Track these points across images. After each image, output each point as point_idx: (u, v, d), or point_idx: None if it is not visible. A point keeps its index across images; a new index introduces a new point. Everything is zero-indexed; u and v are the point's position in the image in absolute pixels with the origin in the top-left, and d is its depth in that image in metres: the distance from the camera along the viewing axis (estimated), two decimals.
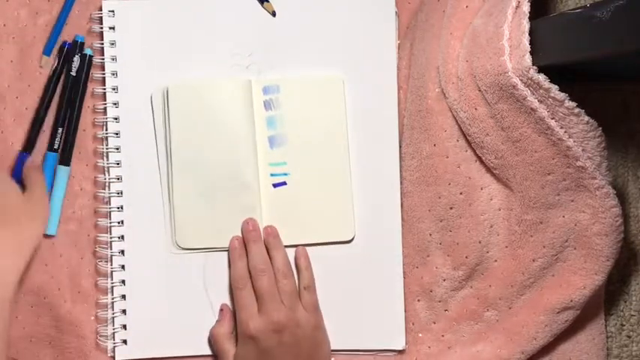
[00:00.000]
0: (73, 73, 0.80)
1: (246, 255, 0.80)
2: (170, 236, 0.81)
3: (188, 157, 0.79)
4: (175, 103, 0.79)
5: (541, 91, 0.69)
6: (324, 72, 0.81)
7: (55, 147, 0.80)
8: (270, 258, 0.80)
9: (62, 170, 0.80)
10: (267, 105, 0.80)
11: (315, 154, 0.81)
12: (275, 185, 0.81)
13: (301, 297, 0.80)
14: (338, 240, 0.82)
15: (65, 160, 0.80)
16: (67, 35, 0.81)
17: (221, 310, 0.81)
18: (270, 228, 0.81)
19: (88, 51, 0.81)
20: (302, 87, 0.81)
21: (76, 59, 0.80)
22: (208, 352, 0.82)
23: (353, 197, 0.81)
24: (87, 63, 0.80)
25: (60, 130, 0.80)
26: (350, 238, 0.82)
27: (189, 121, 0.79)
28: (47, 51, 0.80)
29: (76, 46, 0.80)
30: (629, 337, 0.86)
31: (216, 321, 0.81)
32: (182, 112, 0.79)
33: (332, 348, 0.82)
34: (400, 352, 0.83)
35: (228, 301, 0.81)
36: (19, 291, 0.80)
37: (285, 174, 0.81)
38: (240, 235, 0.81)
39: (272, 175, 0.81)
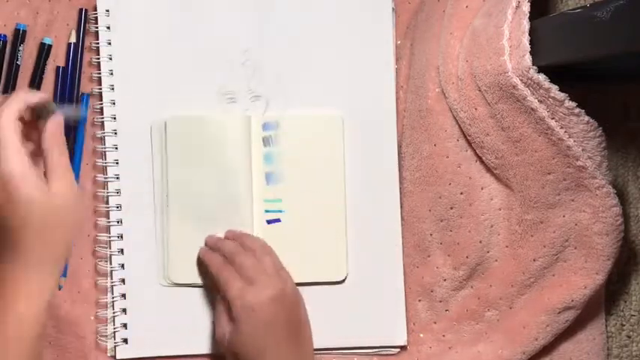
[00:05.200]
0: (19, 62, 0.79)
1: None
2: (163, 270, 0.80)
3: (184, 190, 0.78)
4: (174, 135, 0.78)
5: (541, 91, 0.69)
6: (323, 77, 0.81)
7: None
8: (245, 249, 0.76)
9: None
10: (266, 141, 0.80)
11: (311, 193, 0.80)
12: (269, 222, 0.80)
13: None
14: (329, 280, 0.81)
15: None
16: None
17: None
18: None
19: (46, 40, 0.80)
20: (301, 124, 0.80)
21: (21, 48, 0.79)
22: (210, 350, 0.82)
23: (347, 238, 0.81)
24: (45, 52, 0.80)
25: None
26: (341, 279, 0.81)
27: (187, 153, 0.78)
28: None
29: (18, 35, 0.79)
30: (629, 337, 0.86)
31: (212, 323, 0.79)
32: (180, 144, 0.78)
33: (333, 346, 0.82)
34: (402, 348, 0.83)
35: None
36: None
37: (280, 211, 0.80)
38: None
39: (266, 211, 0.80)
